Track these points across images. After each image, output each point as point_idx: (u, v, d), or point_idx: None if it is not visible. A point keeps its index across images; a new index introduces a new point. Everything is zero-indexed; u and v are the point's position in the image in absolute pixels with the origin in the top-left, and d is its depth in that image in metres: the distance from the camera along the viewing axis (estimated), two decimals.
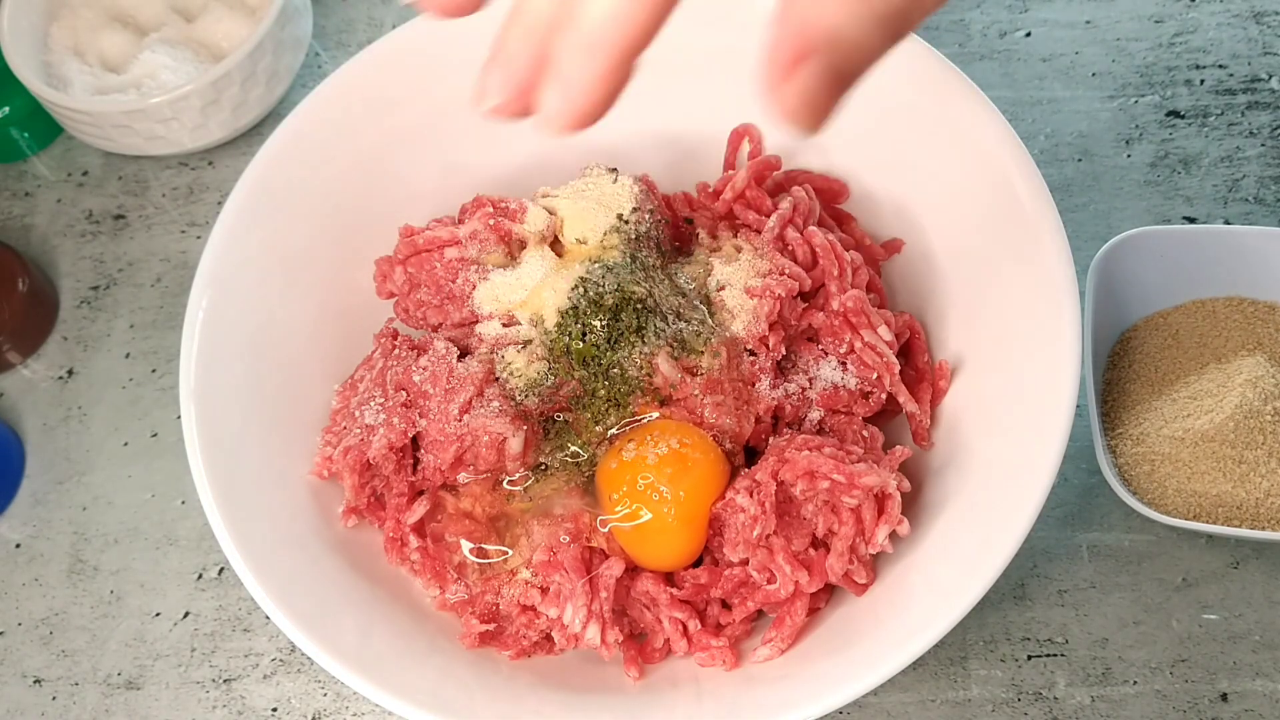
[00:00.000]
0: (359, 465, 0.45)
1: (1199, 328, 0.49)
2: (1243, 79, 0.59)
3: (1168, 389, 0.48)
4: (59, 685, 0.49)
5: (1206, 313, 0.50)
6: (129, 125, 0.58)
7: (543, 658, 0.44)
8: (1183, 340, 0.49)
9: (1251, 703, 0.45)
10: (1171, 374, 0.48)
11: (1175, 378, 0.48)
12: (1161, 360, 0.49)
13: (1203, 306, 0.50)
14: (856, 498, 0.41)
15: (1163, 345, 0.49)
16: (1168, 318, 0.50)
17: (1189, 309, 0.50)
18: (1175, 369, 0.48)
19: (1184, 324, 0.50)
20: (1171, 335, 0.49)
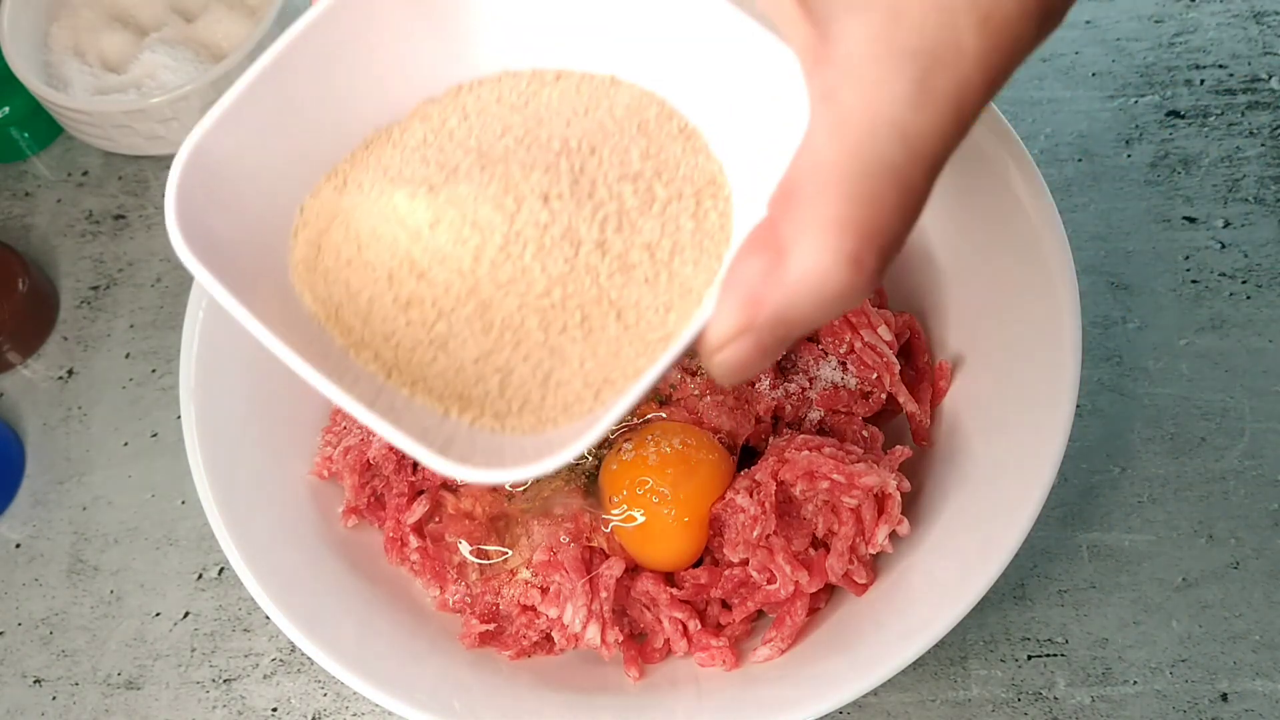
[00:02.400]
0: (359, 465, 0.45)
1: None
2: (1243, 79, 0.59)
3: None
4: (59, 685, 0.49)
5: None
6: (129, 125, 0.58)
7: (543, 658, 0.44)
8: None
9: (1252, 703, 0.45)
10: None
11: None
12: None
13: None
14: (856, 498, 0.41)
15: None
16: None
17: None
18: None
19: None
20: None
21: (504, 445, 0.28)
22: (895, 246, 0.24)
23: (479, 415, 0.29)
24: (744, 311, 0.24)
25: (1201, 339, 0.52)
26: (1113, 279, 0.54)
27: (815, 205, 0.23)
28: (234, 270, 0.28)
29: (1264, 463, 0.49)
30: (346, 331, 0.29)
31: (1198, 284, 0.53)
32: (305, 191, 0.31)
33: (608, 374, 0.29)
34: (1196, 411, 0.51)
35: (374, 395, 0.28)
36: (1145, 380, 0.51)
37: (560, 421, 0.29)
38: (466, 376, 0.29)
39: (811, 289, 0.24)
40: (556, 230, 0.28)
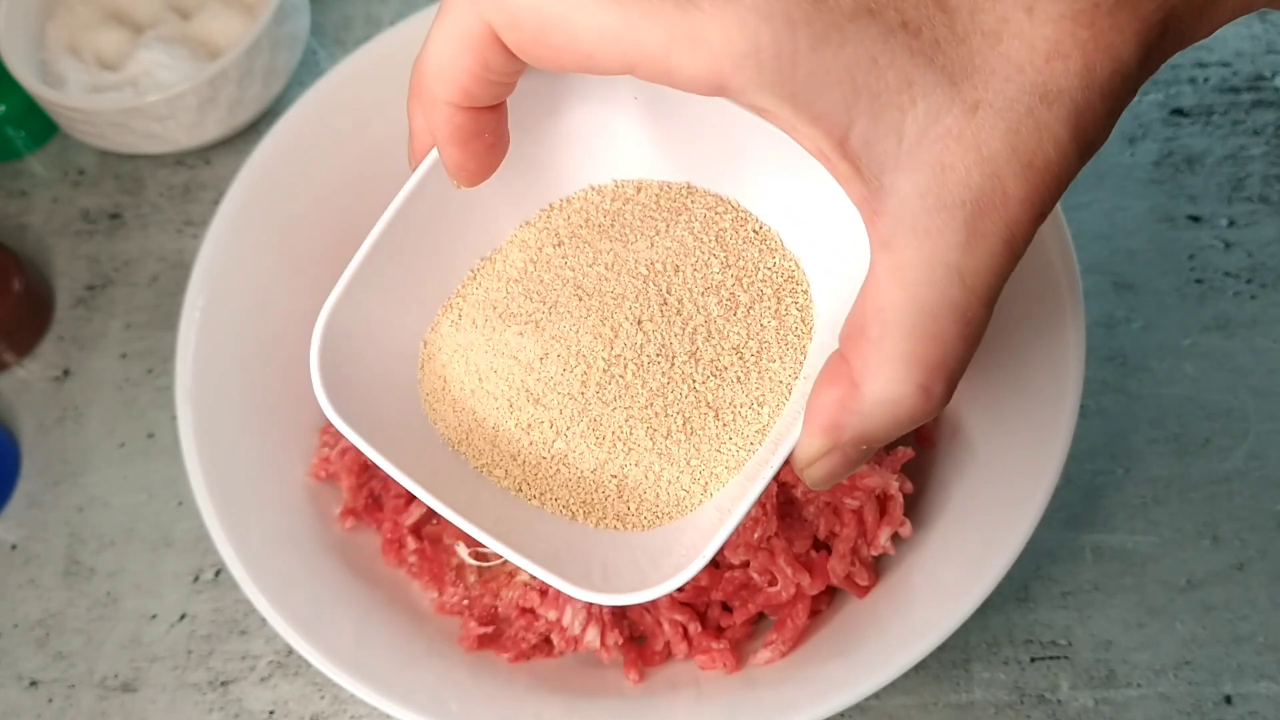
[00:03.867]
0: (356, 466, 0.45)
1: None
2: (1247, 77, 0.59)
3: None
4: (55, 688, 0.49)
5: None
6: (125, 123, 0.58)
7: (542, 660, 0.44)
8: None
9: (1256, 705, 0.44)
10: None
11: None
12: None
13: None
14: (858, 499, 0.41)
15: None
16: None
17: None
18: None
19: None
20: None
21: (630, 542, 0.31)
22: (960, 371, 0.26)
23: (602, 517, 0.32)
24: (827, 436, 0.27)
25: (1206, 339, 0.52)
26: (1116, 278, 0.53)
27: (882, 343, 0.26)
28: (374, 416, 0.32)
29: (1269, 463, 0.49)
30: (478, 454, 0.33)
31: (1202, 284, 0.53)
32: (425, 326, 0.35)
33: (712, 468, 0.32)
34: (1201, 412, 0.50)
35: (508, 508, 0.32)
36: (1149, 380, 0.51)
37: (674, 515, 0.32)
38: (587, 484, 0.32)
39: (886, 415, 0.26)
40: (652, 349, 0.32)
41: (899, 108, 0.24)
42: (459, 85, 0.28)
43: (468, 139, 0.30)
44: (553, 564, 0.30)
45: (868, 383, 0.26)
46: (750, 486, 0.29)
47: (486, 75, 0.28)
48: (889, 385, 0.26)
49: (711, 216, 0.34)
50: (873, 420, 0.26)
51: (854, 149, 0.25)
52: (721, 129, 0.32)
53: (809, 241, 0.33)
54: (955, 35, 0.24)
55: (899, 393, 0.26)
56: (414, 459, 0.31)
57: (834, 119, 0.24)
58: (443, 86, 0.28)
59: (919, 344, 0.25)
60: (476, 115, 0.29)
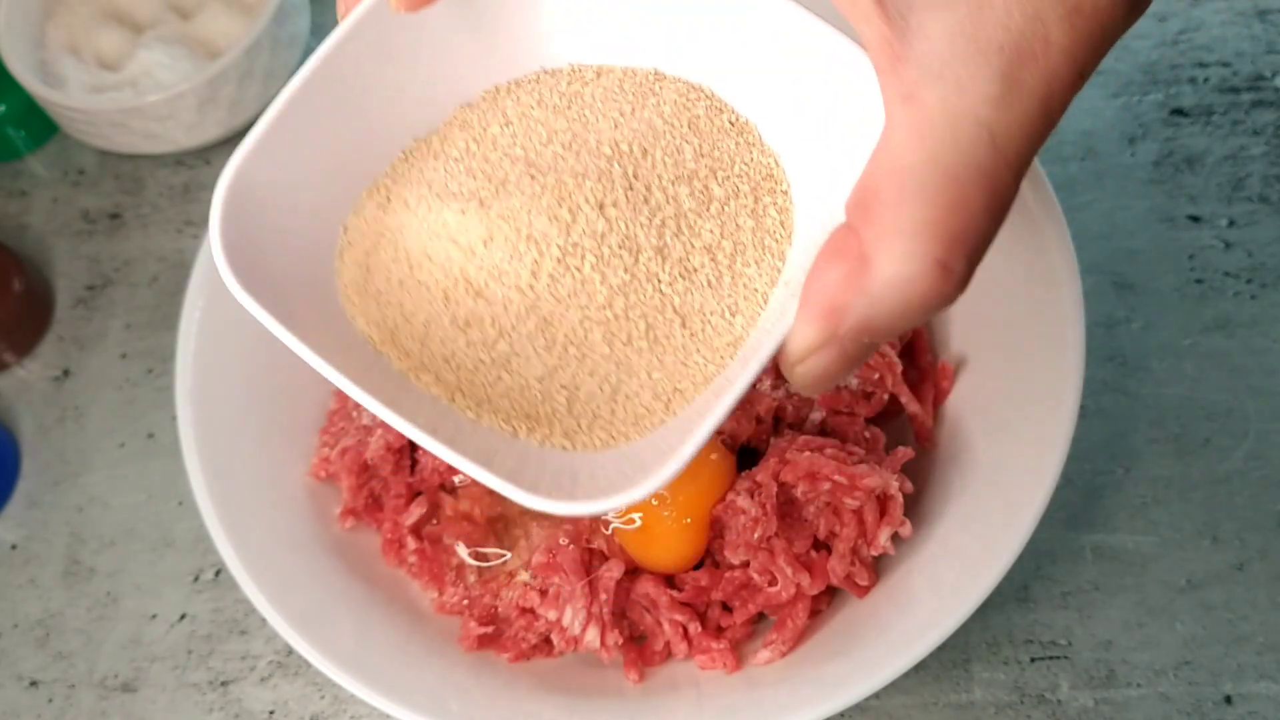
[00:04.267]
0: (356, 466, 0.45)
1: None
2: (1247, 77, 0.59)
3: None
4: (55, 688, 0.49)
5: None
6: (125, 123, 0.58)
7: (542, 660, 0.44)
8: None
9: (1256, 705, 0.44)
10: None
11: None
12: None
13: None
14: (858, 499, 0.41)
15: None
16: None
17: None
18: None
19: None
20: None
21: (576, 464, 0.27)
22: (983, 250, 0.23)
23: (549, 434, 0.28)
24: (826, 321, 0.24)
25: (1206, 339, 0.52)
26: (1116, 278, 0.53)
27: (899, 210, 0.22)
28: (284, 299, 0.27)
29: (1269, 464, 0.49)
30: (404, 355, 0.29)
31: (1202, 283, 0.53)
32: (348, 209, 0.30)
33: (676, 383, 0.28)
34: (1201, 412, 0.50)
35: (438, 419, 0.27)
36: (1149, 380, 0.51)
37: (631, 435, 0.28)
38: (532, 395, 0.28)
39: (898, 297, 0.23)
40: (614, 239, 0.28)
41: None
42: None
43: None
44: (490, 465, 0.26)
45: (879, 256, 0.22)
46: (719, 401, 0.26)
47: None
48: (904, 260, 0.22)
49: (683, 102, 0.30)
50: (882, 303, 0.23)
51: None
52: (696, 9, 0.29)
53: (791, 139, 0.30)
54: None
55: (914, 269, 0.22)
56: (328, 356, 0.27)
57: None
58: None
59: (940, 211, 0.22)
60: None
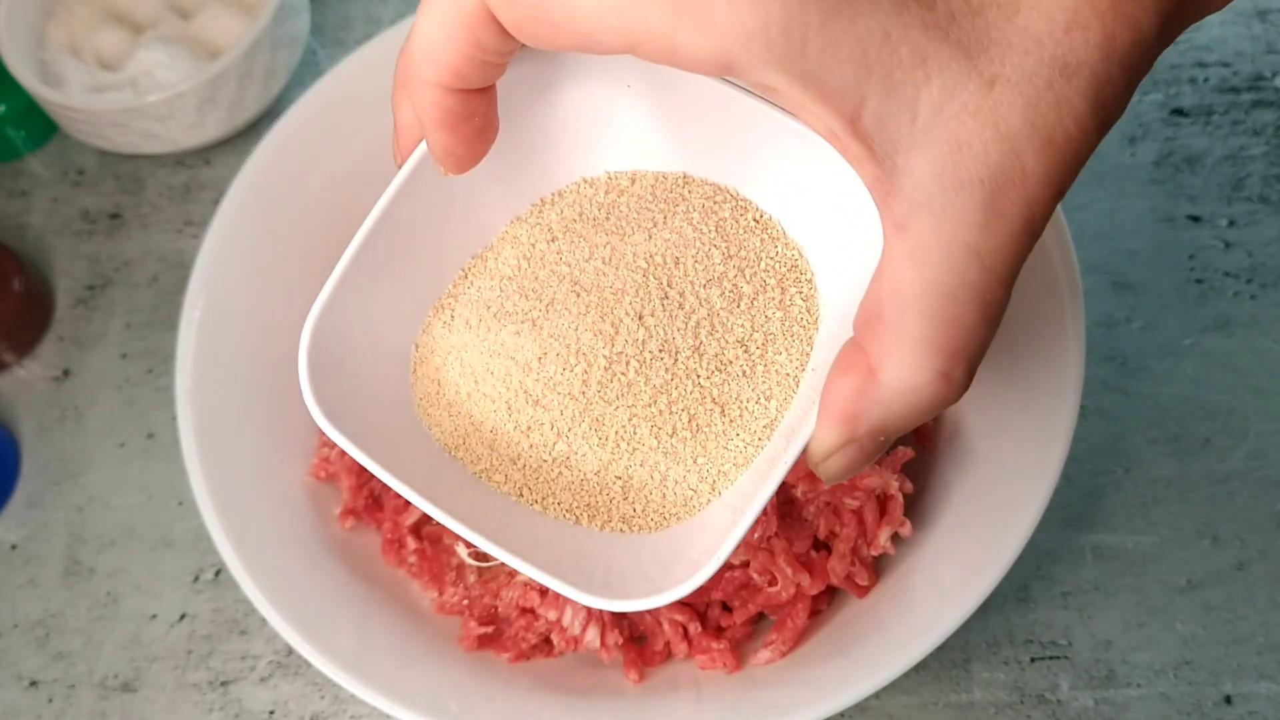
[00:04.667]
0: (356, 466, 0.45)
1: None
2: (1247, 77, 0.59)
3: None
4: (55, 688, 0.49)
5: None
6: (125, 123, 0.58)
7: (542, 660, 0.44)
8: None
9: (1255, 705, 0.44)
10: None
11: None
12: None
13: None
14: (858, 499, 0.41)
15: None
16: None
17: None
18: None
19: None
20: None
21: (635, 546, 0.31)
22: (980, 355, 0.25)
23: (607, 520, 0.31)
24: (844, 426, 0.26)
25: (1206, 339, 0.52)
26: (1116, 278, 0.53)
27: (900, 328, 0.25)
28: (367, 423, 0.31)
29: (1269, 464, 0.49)
30: (475, 459, 0.32)
31: (1202, 283, 0.53)
32: (416, 328, 0.34)
33: (720, 466, 0.31)
34: (1201, 412, 0.50)
35: (509, 515, 0.31)
36: (1149, 380, 0.51)
37: (682, 516, 0.31)
38: (591, 487, 0.31)
39: (906, 403, 0.25)
40: (654, 345, 0.31)
41: (913, 84, 0.23)
42: (450, 66, 0.27)
43: (457, 123, 0.29)
44: (556, 569, 0.29)
45: (886, 370, 0.25)
46: (763, 484, 0.28)
47: (479, 55, 0.27)
48: (908, 372, 0.25)
49: (710, 206, 0.33)
50: (892, 409, 0.25)
51: (866, 128, 0.24)
52: (718, 116, 0.32)
53: (811, 230, 0.32)
54: (970, 8, 0.24)
55: (919, 380, 0.25)
56: (409, 466, 0.30)
57: (845, 96, 0.23)
58: (432, 68, 0.27)
59: (938, 328, 0.24)
60: (467, 98, 0.28)
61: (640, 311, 0.31)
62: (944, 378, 0.25)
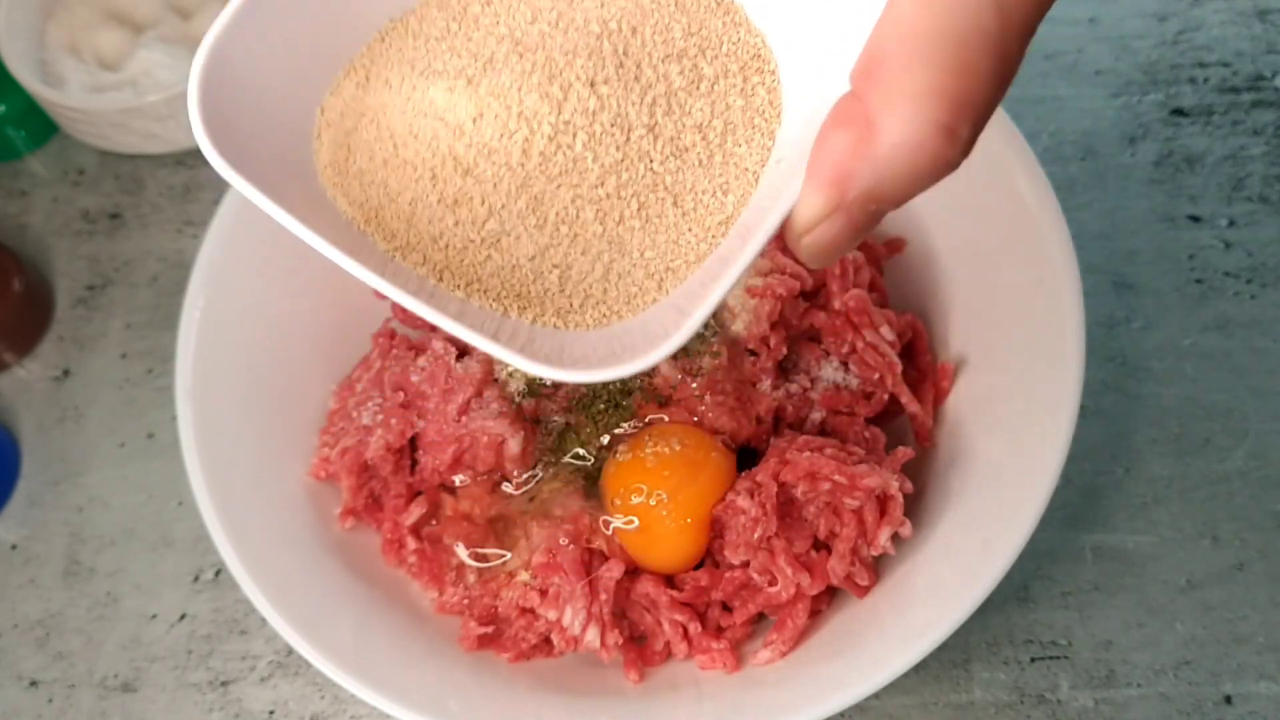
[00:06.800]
0: (356, 466, 0.45)
1: None
2: (1247, 77, 0.59)
3: None
4: (55, 688, 0.49)
5: None
6: (125, 123, 0.58)
7: (542, 660, 0.44)
8: None
9: (1255, 705, 0.44)
10: None
11: None
12: None
13: None
14: (858, 499, 0.41)
15: None
16: None
17: None
18: None
19: None
20: None
21: (569, 343, 0.27)
22: (987, 116, 0.23)
23: (540, 313, 0.28)
24: (833, 189, 0.24)
25: (1206, 339, 0.52)
26: (1116, 278, 0.53)
27: (905, 75, 0.22)
28: (264, 177, 0.27)
29: (1268, 463, 0.49)
30: (390, 236, 0.28)
31: (1202, 283, 0.53)
32: (324, 91, 0.30)
33: (669, 262, 0.28)
34: (1201, 412, 0.50)
35: (426, 299, 0.27)
36: (1149, 380, 0.51)
37: (625, 314, 0.28)
38: (523, 274, 0.28)
39: (904, 161, 0.23)
40: (606, 117, 0.27)
41: None
42: None
43: None
44: (489, 334, 0.26)
45: (885, 121, 0.23)
46: (713, 285, 0.26)
47: None
48: (910, 124, 0.22)
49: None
50: (889, 168, 0.23)
51: None
52: None
53: (776, 19, 0.30)
54: None
55: (921, 133, 0.22)
56: (324, 233, 0.27)
57: None
58: None
59: (947, 76, 0.22)
60: None
61: (593, 77, 0.27)
62: (948, 133, 0.22)
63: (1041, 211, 0.43)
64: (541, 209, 0.27)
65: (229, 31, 0.27)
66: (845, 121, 0.23)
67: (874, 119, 0.23)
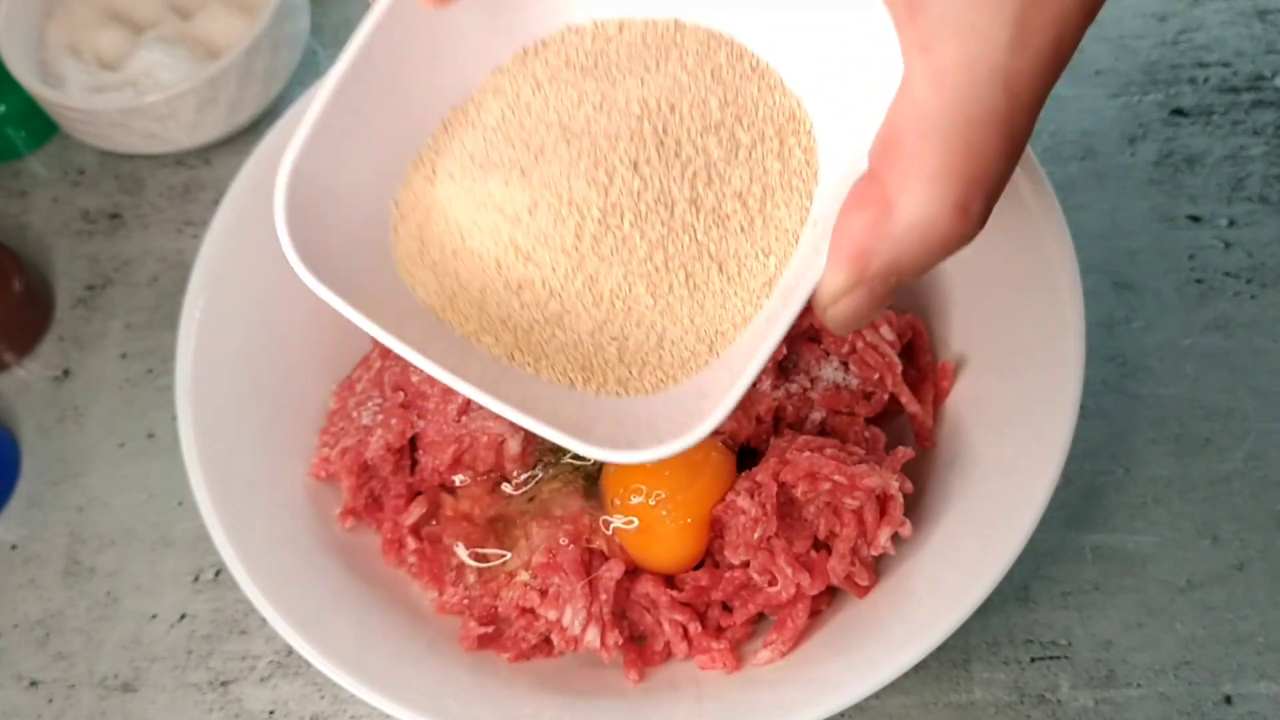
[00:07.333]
0: (356, 466, 0.45)
1: None
2: (1247, 77, 0.59)
3: None
4: (55, 688, 0.49)
5: None
6: (125, 123, 0.58)
7: (542, 660, 0.44)
8: None
9: (1255, 705, 0.44)
10: None
11: None
12: None
13: None
14: (858, 499, 0.41)
15: None
16: None
17: None
18: None
19: None
20: None
21: (632, 408, 0.29)
22: (999, 190, 0.24)
23: (603, 383, 0.30)
24: (855, 265, 0.25)
25: (1206, 339, 0.52)
26: (1116, 278, 0.53)
27: (919, 156, 0.23)
28: (350, 281, 0.29)
29: (1269, 464, 0.49)
30: (464, 320, 0.31)
31: (1202, 284, 0.53)
32: (396, 184, 0.32)
33: (718, 325, 0.30)
34: (1201, 412, 0.50)
35: (500, 378, 0.29)
36: (1149, 380, 0.51)
37: (680, 378, 0.30)
38: (585, 348, 0.30)
39: (920, 238, 0.24)
40: (650, 196, 0.29)
41: None
42: None
43: None
44: (554, 420, 0.28)
45: (901, 201, 0.24)
46: (763, 342, 0.27)
47: None
48: (925, 205, 0.24)
49: (705, 52, 0.31)
50: (906, 244, 0.24)
51: None
52: None
53: (810, 79, 0.31)
54: None
55: (936, 212, 0.24)
56: (395, 329, 0.29)
57: None
58: None
59: (959, 156, 0.23)
60: None
61: (635, 159, 0.29)
62: (961, 211, 0.24)
63: (1041, 211, 0.43)
64: (596, 287, 0.30)
65: (306, 148, 0.29)
66: (864, 202, 0.25)
67: (891, 199, 0.24)
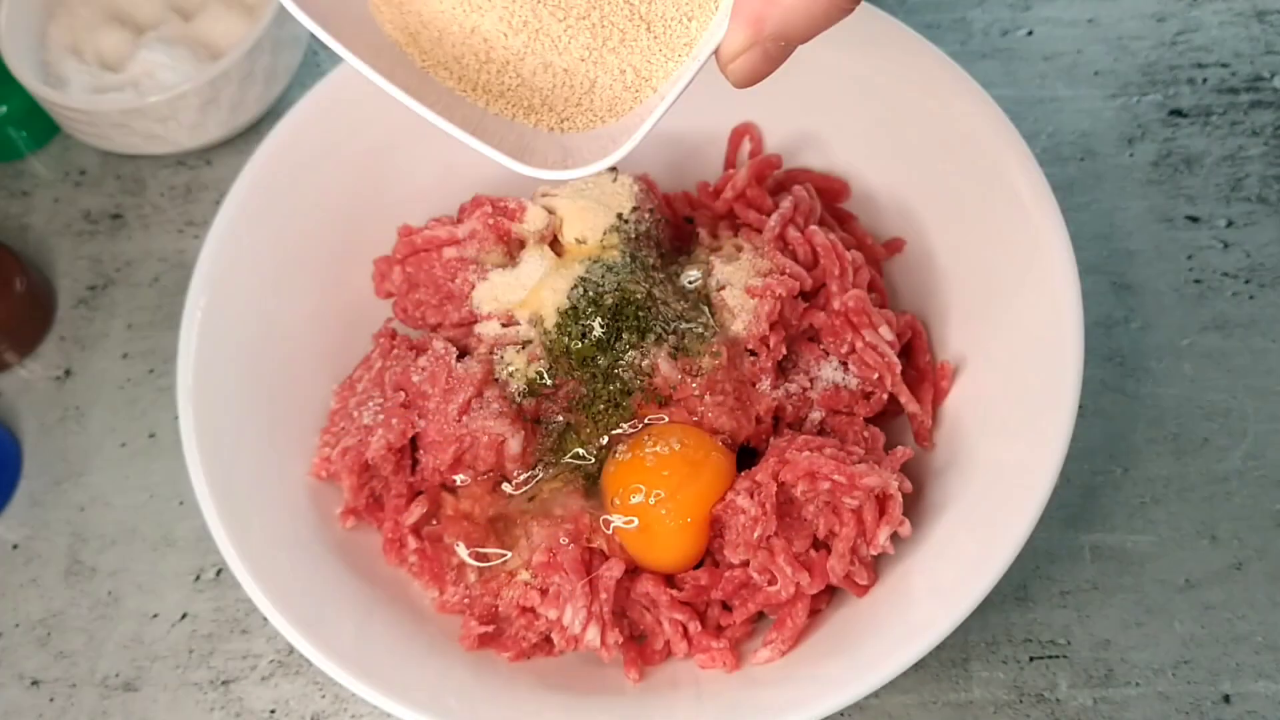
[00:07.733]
0: (357, 466, 0.45)
1: None
2: (1245, 78, 0.59)
3: None
4: (56, 687, 0.49)
5: None
6: (126, 124, 0.58)
7: (542, 659, 0.44)
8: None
9: (1254, 704, 0.45)
10: None
11: None
12: None
13: None
14: (858, 499, 0.41)
15: None
16: None
17: None
18: None
19: None
20: None
21: (565, 142, 0.34)
22: None
23: (541, 119, 0.35)
24: (752, 28, 0.31)
25: (1204, 339, 0.52)
26: (1115, 279, 0.54)
27: None
28: (326, 10, 0.33)
29: (1266, 463, 0.49)
30: (423, 54, 0.35)
31: (1200, 284, 0.53)
32: None
33: (644, 76, 0.35)
34: (1199, 412, 0.50)
35: (454, 107, 0.34)
36: (1148, 380, 0.51)
37: (607, 119, 0.35)
38: (528, 91, 0.35)
39: (805, 8, 0.30)
40: None
41: None
42: None
43: None
44: (497, 144, 0.32)
45: None
46: (672, 89, 0.32)
47: None
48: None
49: None
50: (793, 13, 0.30)
51: None
52: None
53: None
54: None
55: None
56: (366, 57, 0.32)
57: None
58: None
59: None
60: None
61: None
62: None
63: (1040, 212, 0.43)
64: (539, 38, 0.34)
65: None
66: None
67: None
